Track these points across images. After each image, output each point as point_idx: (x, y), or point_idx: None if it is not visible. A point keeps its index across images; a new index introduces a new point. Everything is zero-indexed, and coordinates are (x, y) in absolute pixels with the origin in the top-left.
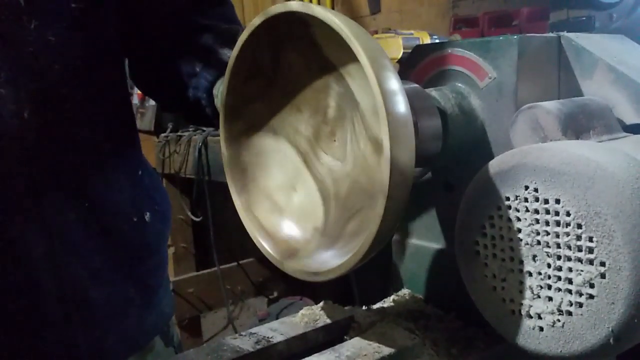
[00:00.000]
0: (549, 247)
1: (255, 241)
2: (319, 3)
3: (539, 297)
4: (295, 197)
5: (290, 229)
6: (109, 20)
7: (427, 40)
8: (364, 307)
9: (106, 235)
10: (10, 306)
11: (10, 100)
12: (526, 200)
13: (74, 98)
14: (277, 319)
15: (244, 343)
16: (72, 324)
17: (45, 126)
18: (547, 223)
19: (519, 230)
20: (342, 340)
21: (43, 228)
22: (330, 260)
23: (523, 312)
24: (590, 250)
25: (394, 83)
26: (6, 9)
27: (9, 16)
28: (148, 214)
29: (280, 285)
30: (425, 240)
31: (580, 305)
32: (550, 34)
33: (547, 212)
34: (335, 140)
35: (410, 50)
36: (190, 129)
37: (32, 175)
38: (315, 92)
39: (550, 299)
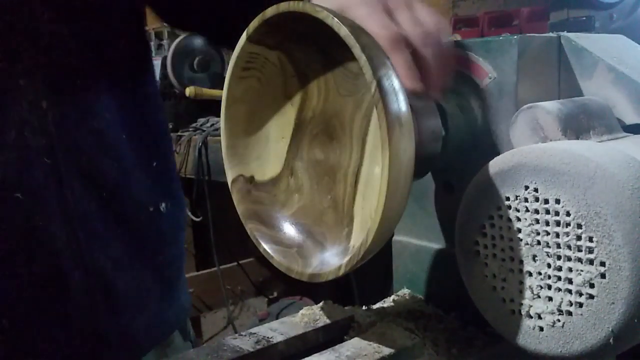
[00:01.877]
0: (549, 247)
1: (255, 241)
2: None
3: (539, 297)
4: (296, 195)
5: (290, 228)
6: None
7: None
8: (364, 307)
9: (124, 224)
10: (37, 296)
11: (29, 91)
12: (526, 200)
13: (93, 89)
14: (277, 319)
15: (244, 343)
16: (99, 312)
17: (64, 117)
18: (547, 223)
19: (519, 230)
20: (342, 340)
21: (65, 217)
22: (330, 260)
23: (523, 312)
24: (590, 250)
25: (393, 82)
26: (19, 4)
27: (22, 7)
28: (163, 204)
29: (280, 285)
30: (425, 240)
31: (580, 305)
32: (550, 34)
33: (547, 212)
34: (334, 139)
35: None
36: (190, 129)
37: (51, 165)
38: (322, 89)
39: (550, 299)
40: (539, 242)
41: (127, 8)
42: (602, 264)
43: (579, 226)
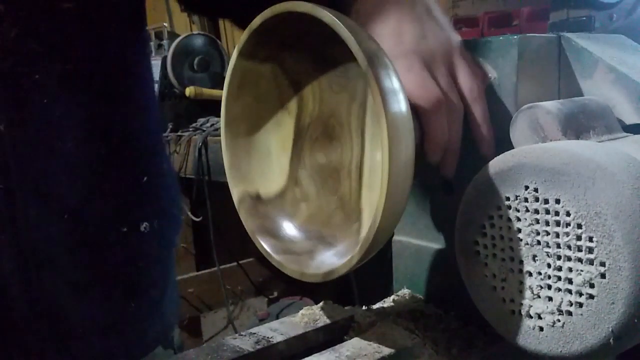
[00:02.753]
0: (549, 247)
1: (255, 241)
2: None
3: (539, 297)
4: (303, 204)
5: (300, 237)
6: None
7: None
8: (364, 307)
9: (89, 247)
10: None
11: None
12: (526, 200)
13: (59, 102)
14: (277, 319)
15: (244, 343)
16: (46, 340)
17: (23, 137)
18: (547, 223)
19: (519, 230)
20: (342, 340)
21: (14, 243)
22: (342, 254)
23: (523, 312)
24: (590, 250)
25: (394, 82)
26: None
27: None
28: (146, 224)
29: (280, 285)
30: (425, 240)
31: (580, 305)
32: (550, 34)
33: (547, 212)
34: (334, 138)
35: None
36: (190, 129)
37: (6, 188)
38: (316, 92)
39: (550, 299)
40: (539, 242)
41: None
42: (602, 264)
43: (579, 226)
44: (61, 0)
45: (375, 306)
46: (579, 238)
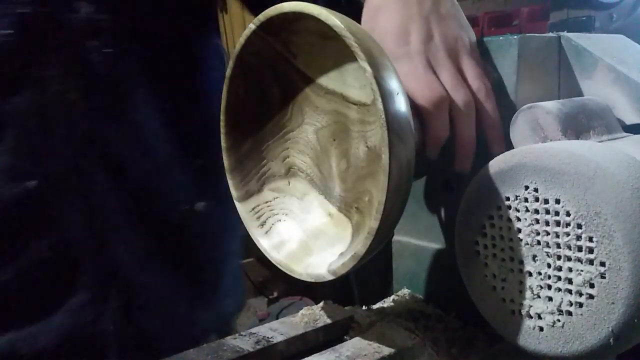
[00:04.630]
0: (549, 247)
1: (255, 241)
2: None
3: (539, 297)
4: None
5: (290, 229)
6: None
7: None
8: (364, 307)
9: (150, 221)
10: (45, 281)
11: (58, 81)
12: (526, 200)
13: (126, 81)
14: (277, 319)
15: (244, 343)
16: (113, 305)
17: (94, 108)
18: (547, 223)
19: (519, 230)
20: (342, 340)
21: (85, 207)
22: (330, 260)
23: (523, 312)
24: (590, 250)
25: (393, 82)
26: None
27: (64, 2)
28: (202, 203)
29: (280, 285)
30: (425, 240)
31: (580, 305)
32: (550, 34)
33: (547, 212)
34: (334, 140)
35: None
36: None
37: (77, 157)
38: (316, 94)
39: (550, 299)
40: (539, 242)
41: None
42: (602, 264)
43: (579, 226)
44: None
45: (375, 306)
46: (579, 238)
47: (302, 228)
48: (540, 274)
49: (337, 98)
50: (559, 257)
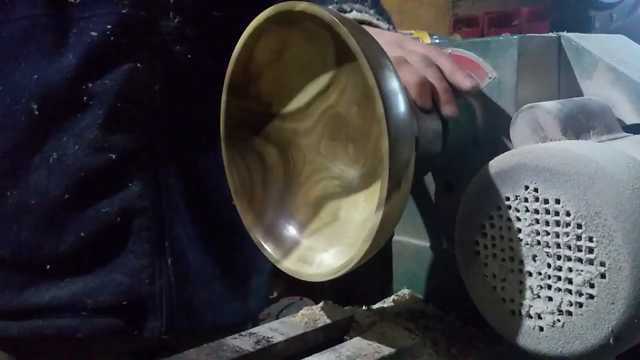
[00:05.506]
0: (549, 247)
1: (255, 241)
2: None
3: (539, 297)
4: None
5: (290, 229)
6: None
7: (427, 40)
8: (364, 307)
9: (203, 208)
10: (109, 242)
11: (145, 73)
12: (526, 200)
13: (200, 84)
14: (277, 319)
15: (244, 343)
16: (167, 272)
17: (171, 102)
18: (547, 223)
19: (519, 230)
20: (342, 340)
21: (154, 185)
22: (330, 260)
23: (523, 312)
24: (590, 250)
25: (394, 82)
26: (157, 4)
27: (159, 10)
28: None
29: (280, 285)
30: (425, 240)
31: (580, 305)
32: (550, 34)
33: (547, 212)
34: (334, 140)
35: None
36: None
37: (153, 140)
38: (316, 93)
39: (550, 299)
40: (539, 242)
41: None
42: (602, 264)
43: (579, 226)
44: None
45: (375, 306)
46: (579, 238)
47: (303, 227)
48: (540, 274)
49: (315, 99)
50: (559, 257)
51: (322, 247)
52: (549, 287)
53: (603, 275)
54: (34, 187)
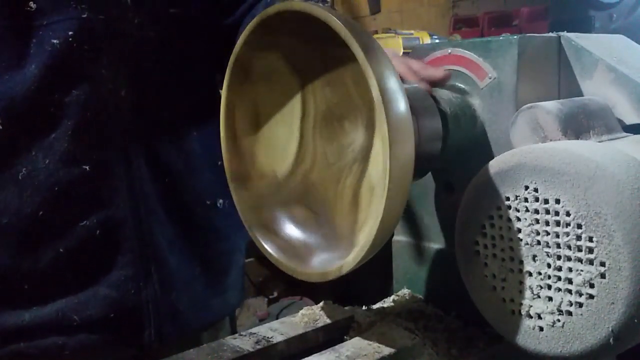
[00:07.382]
0: (549, 247)
1: (255, 241)
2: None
3: (539, 297)
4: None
5: (290, 228)
6: (201, 21)
7: (427, 40)
8: (364, 307)
9: (181, 211)
10: (93, 256)
11: (110, 80)
12: (526, 200)
13: (167, 86)
14: (277, 319)
15: (244, 343)
16: (152, 280)
17: (139, 106)
18: (547, 223)
19: (519, 230)
20: (342, 340)
21: (130, 192)
22: (330, 260)
23: (523, 312)
24: (590, 250)
25: (393, 82)
26: (116, 7)
27: (118, 13)
28: (222, 201)
29: (280, 285)
30: (425, 240)
31: (580, 305)
32: (550, 34)
33: (547, 212)
34: (334, 140)
35: (410, 51)
36: None
37: (125, 147)
38: (316, 93)
39: (550, 299)
40: (539, 242)
41: (206, 8)
42: (602, 264)
43: (579, 226)
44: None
45: (375, 306)
46: (579, 238)
47: (302, 226)
48: (540, 274)
49: (302, 129)
50: (559, 257)
51: (322, 247)
52: (549, 287)
53: (603, 275)
54: (4, 206)
